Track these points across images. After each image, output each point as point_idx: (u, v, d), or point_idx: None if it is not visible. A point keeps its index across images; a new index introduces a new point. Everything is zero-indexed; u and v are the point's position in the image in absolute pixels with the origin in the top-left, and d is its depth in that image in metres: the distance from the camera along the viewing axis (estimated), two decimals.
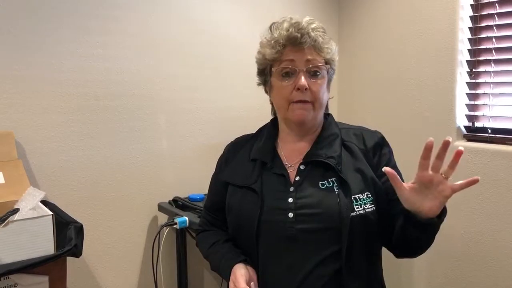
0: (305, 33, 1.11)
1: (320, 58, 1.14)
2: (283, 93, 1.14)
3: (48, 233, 1.19)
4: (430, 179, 0.99)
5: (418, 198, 1.00)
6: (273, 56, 1.14)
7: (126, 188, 1.85)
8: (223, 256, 1.17)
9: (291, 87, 1.12)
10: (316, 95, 1.13)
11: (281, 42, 1.12)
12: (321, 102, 1.15)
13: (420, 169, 0.99)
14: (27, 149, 1.62)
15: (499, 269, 1.85)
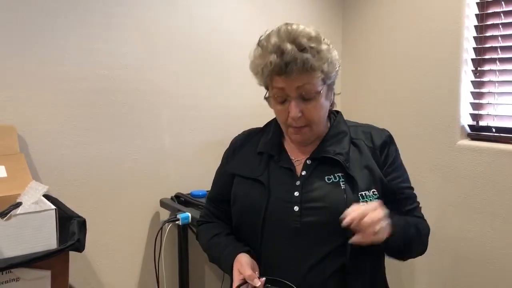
0: (291, 61, 1.02)
1: (313, 79, 1.07)
2: (280, 116, 1.15)
3: (50, 227, 1.18)
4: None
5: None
6: (264, 83, 1.14)
7: (128, 183, 1.84)
8: (227, 247, 1.16)
9: (286, 112, 1.11)
10: (310, 119, 1.12)
11: (267, 72, 1.07)
12: (318, 122, 1.14)
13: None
14: (30, 144, 1.61)
15: (501, 269, 1.84)
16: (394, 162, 1.17)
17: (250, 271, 1.04)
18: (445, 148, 2.00)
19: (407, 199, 1.18)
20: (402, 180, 1.17)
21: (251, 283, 1.03)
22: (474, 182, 1.90)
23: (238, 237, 1.21)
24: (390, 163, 1.16)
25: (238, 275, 1.07)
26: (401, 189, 1.17)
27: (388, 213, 1.02)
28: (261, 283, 1.03)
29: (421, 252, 1.20)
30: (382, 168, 1.15)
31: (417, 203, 1.22)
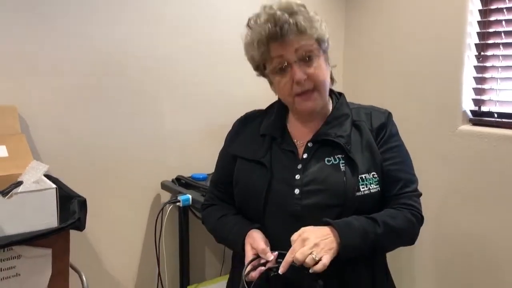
0: (284, 23, 1.05)
1: (309, 41, 1.09)
2: (284, 89, 1.12)
3: (51, 206, 1.19)
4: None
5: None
6: (262, 57, 1.12)
7: (129, 166, 1.84)
8: (236, 225, 1.16)
9: (290, 82, 1.10)
10: (317, 80, 1.10)
11: (264, 41, 1.08)
12: (325, 85, 1.13)
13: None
14: (31, 125, 1.61)
15: (501, 254, 1.85)
16: (388, 144, 1.15)
17: (264, 245, 1.05)
18: (446, 133, 1.99)
19: (394, 183, 1.13)
20: (393, 163, 1.14)
21: (264, 257, 1.04)
22: (475, 168, 1.90)
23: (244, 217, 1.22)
24: (383, 144, 1.15)
25: (250, 249, 1.07)
26: (389, 171, 1.13)
27: (339, 223, 1.02)
28: (274, 257, 1.03)
29: (406, 243, 1.16)
30: (379, 150, 1.14)
31: (411, 189, 1.15)
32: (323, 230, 1.02)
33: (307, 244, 0.98)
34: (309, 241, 0.98)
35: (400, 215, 1.10)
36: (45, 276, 1.23)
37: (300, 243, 0.99)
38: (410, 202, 1.13)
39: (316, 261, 0.96)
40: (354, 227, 1.03)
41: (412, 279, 2.17)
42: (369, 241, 1.04)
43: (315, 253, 0.96)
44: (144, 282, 1.92)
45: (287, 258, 0.99)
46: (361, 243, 1.03)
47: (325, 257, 0.97)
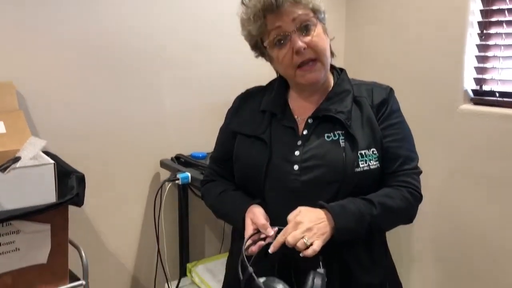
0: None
1: (305, 10, 1.08)
2: (284, 62, 1.11)
3: (49, 181, 1.19)
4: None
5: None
6: (259, 31, 1.10)
7: (129, 144, 1.84)
8: (236, 200, 1.16)
9: (290, 53, 1.08)
10: (317, 49, 1.09)
11: (260, 14, 1.07)
12: (325, 54, 1.11)
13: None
14: (29, 101, 1.61)
15: (501, 234, 1.86)
16: (389, 120, 1.14)
17: (264, 221, 1.05)
18: (447, 113, 1.98)
19: (394, 160, 1.12)
20: (393, 140, 1.13)
21: (264, 232, 1.04)
22: (476, 147, 1.90)
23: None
24: (384, 120, 1.13)
25: (251, 225, 1.07)
26: (388, 148, 1.12)
27: (334, 207, 1.02)
28: (274, 232, 1.03)
29: (403, 222, 1.15)
30: (379, 126, 1.13)
31: (410, 167, 1.14)
32: (317, 213, 1.02)
33: (299, 228, 0.98)
34: (302, 225, 0.99)
35: (397, 194, 1.09)
36: (44, 251, 1.24)
37: (293, 226, 1.00)
38: (409, 180, 1.12)
39: (307, 246, 0.97)
40: (349, 210, 1.03)
41: (411, 258, 2.18)
42: (365, 224, 1.04)
43: (306, 238, 0.97)
44: (143, 259, 1.93)
45: (279, 238, 0.99)
46: (356, 226, 1.03)
47: (316, 243, 0.97)
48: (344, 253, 1.09)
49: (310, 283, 0.95)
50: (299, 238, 0.97)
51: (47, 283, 1.28)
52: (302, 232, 0.98)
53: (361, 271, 1.11)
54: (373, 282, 1.13)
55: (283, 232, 1.00)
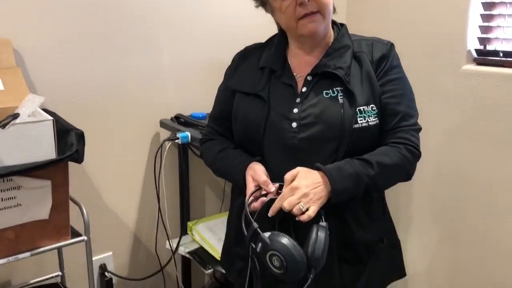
0: None
1: None
2: (287, 13, 1.09)
3: (48, 137, 1.19)
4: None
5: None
6: None
7: (127, 102, 1.83)
8: (236, 158, 1.17)
9: (293, 4, 1.07)
10: (321, 2, 1.07)
11: None
12: (328, 8, 1.09)
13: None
14: (26, 58, 1.58)
15: (501, 193, 1.87)
16: (388, 76, 1.13)
17: (265, 177, 1.07)
18: (449, 73, 1.96)
19: (392, 116, 1.12)
20: (392, 96, 1.12)
21: (265, 188, 1.06)
22: (477, 108, 1.88)
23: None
24: (383, 76, 1.12)
25: (252, 181, 1.09)
26: (387, 104, 1.11)
27: (330, 170, 1.03)
28: (275, 188, 1.05)
29: (402, 180, 1.15)
30: (378, 82, 1.12)
31: (409, 123, 1.13)
32: (314, 176, 1.03)
33: (296, 194, 1.00)
34: (298, 191, 1.00)
35: (395, 152, 1.09)
36: (46, 207, 1.26)
37: (290, 192, 1.01)
38: (407, 136, 1.11)
39: (303, 211, 0.99)
40: (346, 172, 1.03)
41: (409, 218, 2.21)
42: (363, 184, 1.04)
43: (302, 204, 0.99)
44: (144, 217, 1.96)
45: (276, 204, 1.02)
46: (354, 187, 1.04)
47: (311, 208, 0.99)
48: (342, 209, 1.10)
49: (314, 236, 0.98)
50: (295, 204, 0.99)
51: (49, 238, 1.30)
52: (298, 198, 0.99)
53: (358, 228, 1.12)
54: (370, 238, 1.15)
55: (280, 197, 1.02)
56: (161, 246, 1.96)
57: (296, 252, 0.95)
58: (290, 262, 0.94)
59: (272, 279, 1.14)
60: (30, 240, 1.27)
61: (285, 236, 0.97)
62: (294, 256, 0.94)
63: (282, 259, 0.95)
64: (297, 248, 0.95)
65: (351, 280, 1.14)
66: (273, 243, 0.96)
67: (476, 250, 1.98)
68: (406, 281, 2.25)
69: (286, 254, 0.94)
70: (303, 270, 0.96)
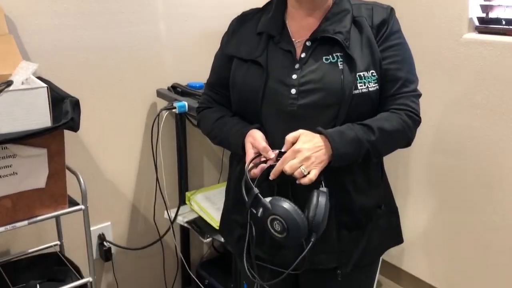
0: None
1: None
2: None
3: (43, 105, 1.17)
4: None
5: None
6: None
7: (124, 71, 1.80)
8: (235, 125, 1.16)
9: None
10: None
11: None
12: None
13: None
14: (19, 26, 1.55)
15: (500, 163, 1.87)
16: (388, 41, 1.10)
17: (265, 144, 1.06)
18: (450, 42, 1.93)
19: (393, 82, 1.10)
20: (392, 62, 1.10)
21: (265, 155, 1.05)
22: (478, 77, 1.86)
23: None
24: (383, 41, 1.10)
25: (251, 148, 1.08)
26: (388, 70, 1.10)
27: (332, 134, 1.02)
28: (275, 155, 1.05)
29: (401, 146, 1.14)
30: (379, 47, 1.10)
31: (409, 89, 1.11)
32: (316, 140, 1.02)
33: (298, 157, 1.00)
34: (300, 154, 1.00)
35: (395, 118, 1.09)
36: (43, 175, 1.25)
37: (292, 155, 1.01)
38: (408, 103, 1.10)
39: (305, 175, 0.99)
40: (347, 137, 1.03)
41: (407, 186, 2.22)
42: (363, 149, 1.04)
43: (304, 167, 0.99)
44: (142, 187, 1.96)
45: (278, 167, 1.02)
46: (355, 152, 1.04)
47: (313, 172, 0.99)
48: (341, 174, 1.09)
49: (315, 201, 0.98)
50: (297, 167, 0.99)
51: (46, 207, 1.30)
52: (300, 161, 0.99)
53: (356, 193, 1.12)
54: (368, 204, 1.15)
55: (281, 160, 1.02)
56: (159, 216, 1.97)
57: (297, 216, 0.95)
58: (292, 226, 0.95)
59: (271, 245, 1.15)
60: (27, 208, 1.27)
61: (286, 200, 0.97)
62: (296, 220, 0.95)
63: (283, 223, 0.95)
64: (299, 212, 0.96)
65: (350, 246, 1.14)
66: (275, 208, 0.96)
67: (472, 219, 1.99)
68: (403, 248, 2.28)
69: (288, 218, 0.95)
70: (304, 234, 0.96)
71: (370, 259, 1.20)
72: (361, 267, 1.17)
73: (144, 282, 2.07)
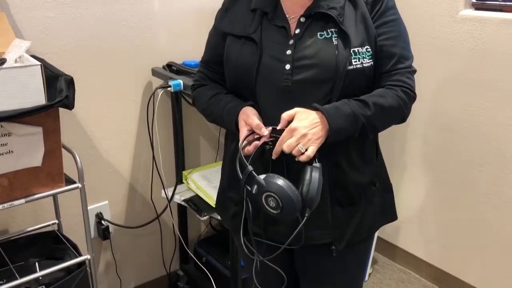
0: None
1: None
2: None
3: (37, 83, 1.17)
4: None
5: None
6: None
7: (118, 50, 1.79)
8: (229, 103, 1.16)
9: None
10: None
11: None
12: None
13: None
14: (11, 4, 1.53)
15: (494, 140, 1.88)
16: (383, 17, 1.10)
17: (258, 121, 1.07)
18: (446, 19, 1.92)
19: (388, 59, 1.10)
20: (387, 38, 1.10)
21: (258, 132, 1.06)
22: (474, 54, 1.86)
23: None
24: (378, 17, 1.10)
25: (244, 125, 1.09)
26: (383, 47, 1.09)
27: (328, 110, 1.03)
28: (268, 132, 1.05)
29: (397, 122, 1.14)
30: (374, 24, 1.09)
31: (405, 65, 1.11)
32: (312, 117, 1.03)
33: (294, 135, 1.01)
34: (297, 132, 1.01)
35: (391, 94, 1.09)
36: (39, 154, 1.26)
37: (288, 134, 1.02)
38: (403, 79, 1.11)
39: (302, 152, 1.01)
40: (343, 112, 1.04)
41: (403, 164, 2.23)
42: (359, 124, 1.05)
43: (301, 145, 1.01)
44: (139, 166, 1.96)
45: (277, 148, 1.04)
46: (351, 127, 1.04)
47: (310, 148, 1.01)
48: (335, 151, 1.10)
49: (308, 176, 0.99)
50: (294, 146, 1.01)
51: (43, 186, 1.31)
52: (297, 139, 1.01)
53: (351, 169, 1.13)
54: (363, 180, 1.16)
55: (279, 141, 1.03)
56: (156, 195, 1.98)
57: (291, 192, 0.96)
58: (286, 202, 0.96)
59: (266, 221, 1.16)
60: (24, 187, 1.27)
61: (280, 177, 0.98)
62: (290, 196, 0.96)
63: (278, 199, 0.96)
64: (292, 188, 0.97)
65: (344, 222, 1.16)
66: (269, 185, 0.97)
67: (467, 196, 2.01)
68: (398, 225, 2.31)
69: (282, 195, 0.96)
70: (298, 210, 0.98)
71: (364, 235, 1.21)
72: (355, 243, 1.19)
73: (142, 260, 2.10)
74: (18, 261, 1.54)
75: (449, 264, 2.16)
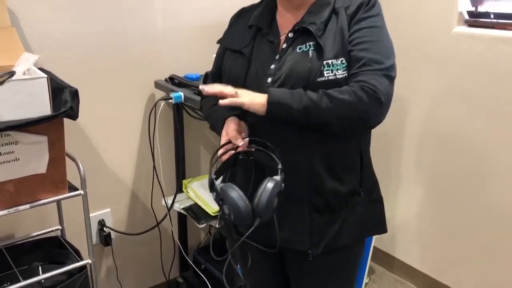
0: None
1: None
2: None
3: (44, 94, 1.23)
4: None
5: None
6: None
7: (122, 63, 1.86)
8: (221, 114, 1.23)
9: None
10: None
11: None
12: None
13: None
14: (21, 18, 1.61)
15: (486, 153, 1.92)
16: (358, 25, 1.11)
17: (234, 132, 1.13)
18: (440, 35, 1.98)
19: (354, 62, 1.09)
20: (357, 43, 1.10)
21: (234, 142, 1.13)
22: (467, 69, 1.91)
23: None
24: (353, 25, 1.12)
25: (224, 135, 1.16)
26: (351, 52, 1.09)
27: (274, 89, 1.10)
28: (244, 143, 1.11)
29: (354, 120, 1.07)
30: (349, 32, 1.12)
31: (373, 68, 1.07)
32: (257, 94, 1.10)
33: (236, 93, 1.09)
34: (241, 92, 1.10)
35: (346, 89, 1.06)
36: (43, 161, 1.32)
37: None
38: (365, 79, 1.06)
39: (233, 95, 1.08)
40: (288, 90, 1.09)
41: (398, 177, 2.27)
42: (302, 104, 1.05)
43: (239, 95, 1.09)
44: (141, 175, 2.02)
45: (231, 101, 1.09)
46: (291, 101, 1.06)
47: (241, 98, 1.08)
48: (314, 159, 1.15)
49: (262, 187, 1.05)
50: (232, 95, 1.08)
51: (47, 192, 1.37)
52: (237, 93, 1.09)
53: (329, 177, 1.16)
54: (341, 189, 1.18)
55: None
56: (157, 203, 2.04)
57: (240, 202, 1.04)
58: (235, 211, 1.04)
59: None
60: (29, 193, 1.34)
61: (234, 188, 1.05)
62: (238, 206, 1.03)
63: (229, 208, 1.04)
64: (243, 198, 1.04)
65: (322, 228, 1.19)
66: (223, 193, 1.06)
67: (464, 208, 2.04)
68: (395, 236, 2.34)
69: (231, 203, 1.04)
70: (248, 218, 1.05)
71: (344, 243, 1.22)
72: (336, 250, 1.21)
73: (143, 266, 2.15)
74: (22, 264, 1.60)
75: (445, 274, 2.19)
